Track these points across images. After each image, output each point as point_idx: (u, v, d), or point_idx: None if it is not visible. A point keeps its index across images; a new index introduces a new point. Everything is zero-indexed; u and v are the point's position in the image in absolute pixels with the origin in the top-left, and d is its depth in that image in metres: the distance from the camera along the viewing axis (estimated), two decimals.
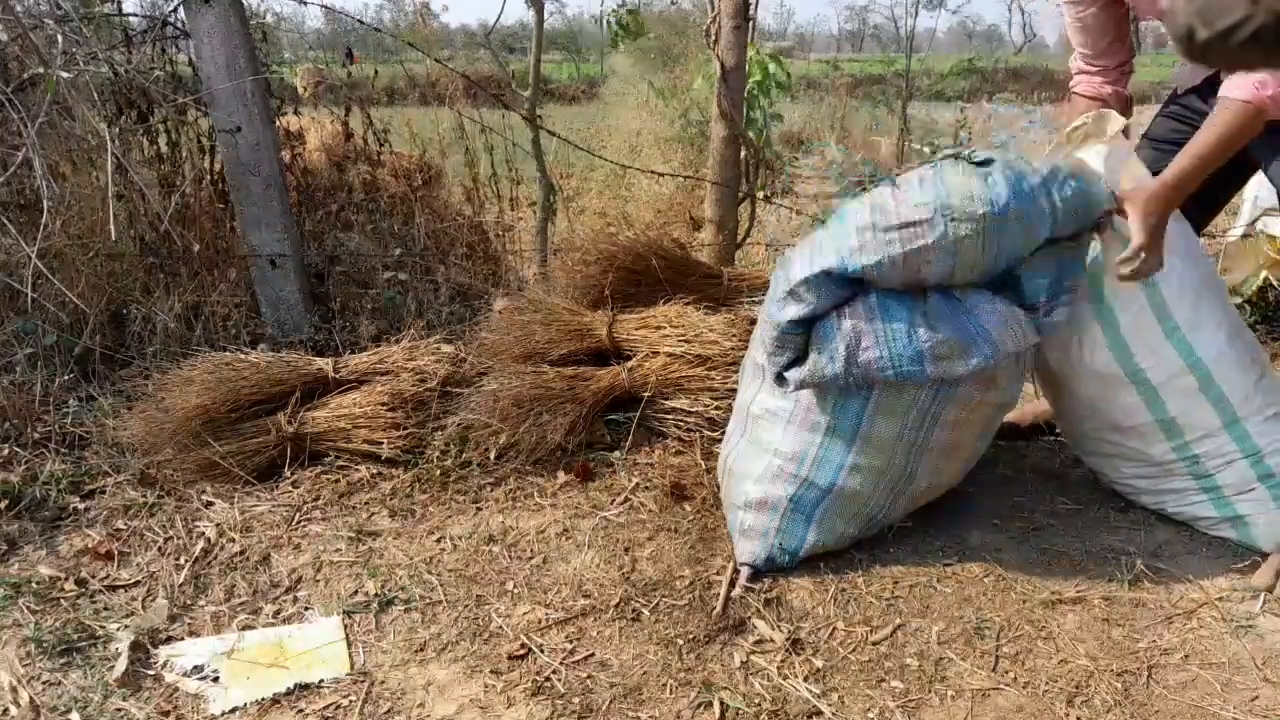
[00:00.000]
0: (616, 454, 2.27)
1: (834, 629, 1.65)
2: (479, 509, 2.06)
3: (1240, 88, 1.67)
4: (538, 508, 2.07)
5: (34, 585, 1.76)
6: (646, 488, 2.14)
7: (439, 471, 2.15)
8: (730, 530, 1.89)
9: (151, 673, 1.55)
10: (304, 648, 1.61)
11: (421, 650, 1.60)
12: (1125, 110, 2.13)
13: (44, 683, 1.53)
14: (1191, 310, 1.82)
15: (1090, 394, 1.92)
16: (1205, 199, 1.95)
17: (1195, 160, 1.72)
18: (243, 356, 2.34)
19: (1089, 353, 1.88)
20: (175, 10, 2.80)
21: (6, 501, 1.99)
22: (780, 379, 1.74)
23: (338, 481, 2.17)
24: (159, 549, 1.90)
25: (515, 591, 1.76)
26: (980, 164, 1.67)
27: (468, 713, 1.46)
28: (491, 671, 1.54)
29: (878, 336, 1.64)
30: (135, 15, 2.95)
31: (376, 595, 1.75)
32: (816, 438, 1.77)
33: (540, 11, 3.15)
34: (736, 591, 1.74)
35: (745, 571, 1.79)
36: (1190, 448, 1.86)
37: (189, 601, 1.74)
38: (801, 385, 1.70)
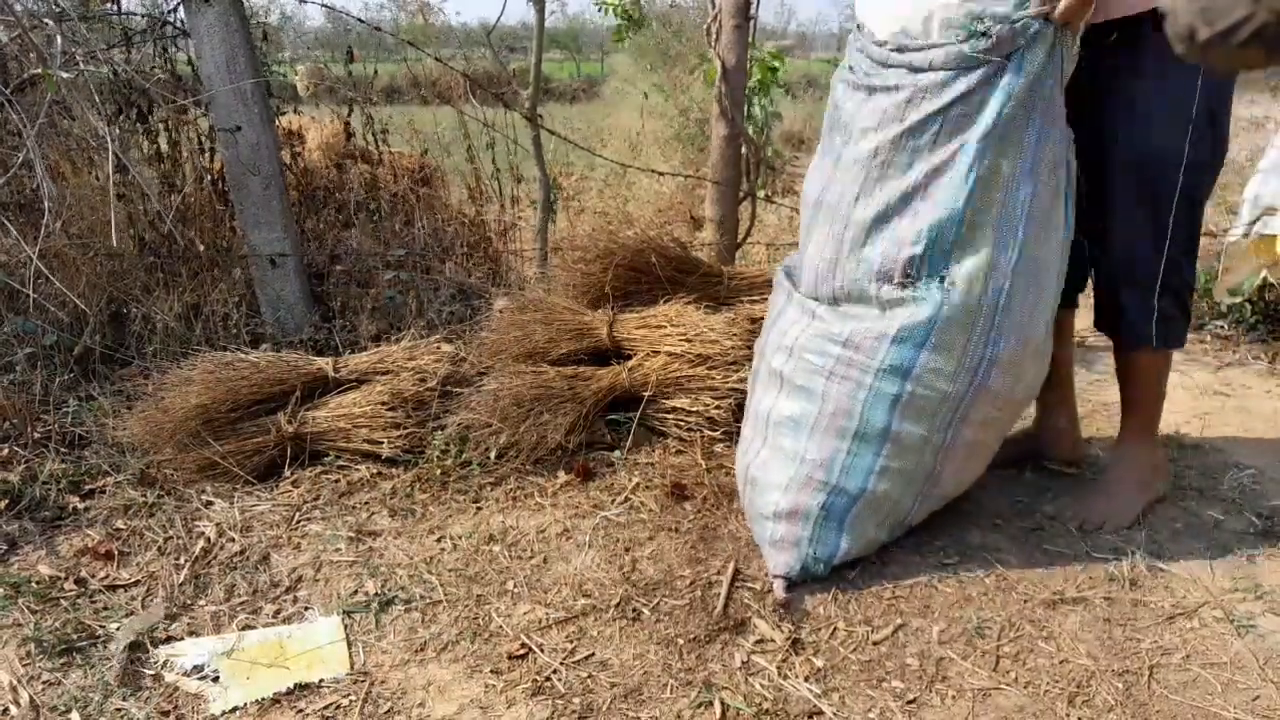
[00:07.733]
0: (617, 454, 2.26)
1: (834, 629, 1.65)
2: (479, 509, 2.06)
3: None
4: (538, 507, 2.07)
5: (34, 585, 1.76)
6: (647, 487, 2.14)
7: (439, 471, 2.15)
8: (758, 541, 1.85)
9: (151, 672, 1.55)
10: (304, 648, 1.60)
11: (421, 650, 1.60)
12: None
13: (44, 682, 1.53)
14: None
15: None
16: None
17: None
18: (243, 356, 2.33)
19: None
20: (175, 9, 2.80)
21: (6, 501, 1.99)
22: None
23: (338, 481, 2.16)
24: (159, 549, 1.90)
25: (515, 591, 1.76)
26: None
27: (468, 713, 1.46)
28: (492, 671, 1.54)
29: None
30: (135, 14, 2.94)
31: (376, 595, 1.75)
32: (845, 444, 1.74)
33: (541, 11, 3.14)
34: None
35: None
36: None
37: (189, 601, 1.74)
38: None
